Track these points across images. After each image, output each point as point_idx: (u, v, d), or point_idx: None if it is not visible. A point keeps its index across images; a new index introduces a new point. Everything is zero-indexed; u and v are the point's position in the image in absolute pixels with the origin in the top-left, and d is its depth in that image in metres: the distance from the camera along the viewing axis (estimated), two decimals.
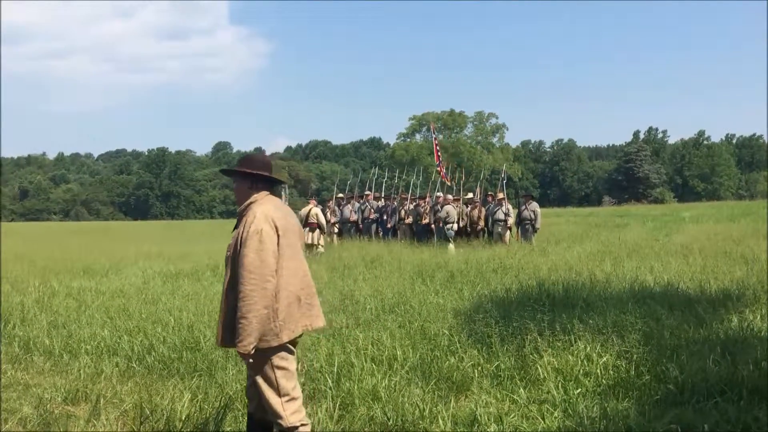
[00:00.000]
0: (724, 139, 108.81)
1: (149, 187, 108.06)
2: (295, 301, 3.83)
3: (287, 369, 3.83)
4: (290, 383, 3.85)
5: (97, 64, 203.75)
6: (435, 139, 25.92)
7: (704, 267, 10.92)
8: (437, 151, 24.76)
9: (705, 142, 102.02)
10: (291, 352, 3.88)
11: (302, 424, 3.82)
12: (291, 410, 3.81)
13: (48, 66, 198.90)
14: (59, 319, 8.25)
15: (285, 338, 3.75)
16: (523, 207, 18.20)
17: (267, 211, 3.83)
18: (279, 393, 3.80)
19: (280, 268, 3.77)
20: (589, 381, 5.23)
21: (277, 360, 3.79)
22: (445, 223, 17.97)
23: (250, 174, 3.98)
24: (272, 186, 4.09)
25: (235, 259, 3.76)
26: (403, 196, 21.57)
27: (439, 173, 22.46)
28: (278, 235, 3.79)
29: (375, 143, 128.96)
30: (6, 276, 12.94)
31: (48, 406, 5.18)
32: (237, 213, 3.98)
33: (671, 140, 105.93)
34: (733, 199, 78.05)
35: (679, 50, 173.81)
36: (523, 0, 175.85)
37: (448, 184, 22.04)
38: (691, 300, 7.88)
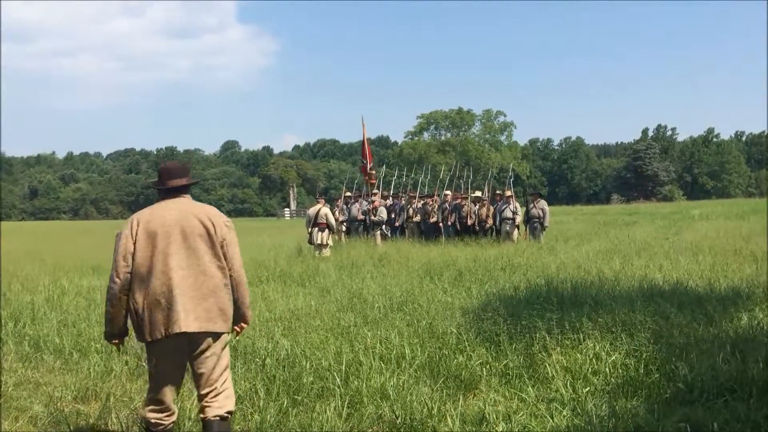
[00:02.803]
0: (733, 136, 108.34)
1: None
2: (155, 303, 3.93)
3: (150, 368, 4.09)
4: (151, 382, 4.10)
5: (105, 62, 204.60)
6: (365, 138, 24.72)
7: (714, 265, 10.88)
8: (367, 149, 23.89)
9: (714, 139, 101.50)
10: (156, 354, 4.03)
11: (153, 422, 4.08)
12: (148, 406, 4.11)
13: (57, 64, 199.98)
14: (69, 318, 8.28)
15: (147, 338, 3.96)
16: (532, 205, 18.15)
17: (136, 216, 4.09)
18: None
19: (144, 269, 3.93)
20: (597, 379, 5.23)
21: (147, 357, 4.12)
22: (379, 224, 18.65)
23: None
24: (168, 193, 4.19)
25: None
26: (411, 194, 21.53)
27: (365, 174, 22.27)
28: (137, 239, 3.96)
29: (383, 142, 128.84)
30: (16, 275, 13.01)
31: (58, 404, 5.21)
32: None
33: (680, 138, 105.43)
34: (742, 196, 77.63)
35: (688, 47, 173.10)
36: None
37: (373, 182, 22.00)
38: (701, 298, 7.85)
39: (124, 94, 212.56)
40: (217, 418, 4.05)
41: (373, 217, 18.81)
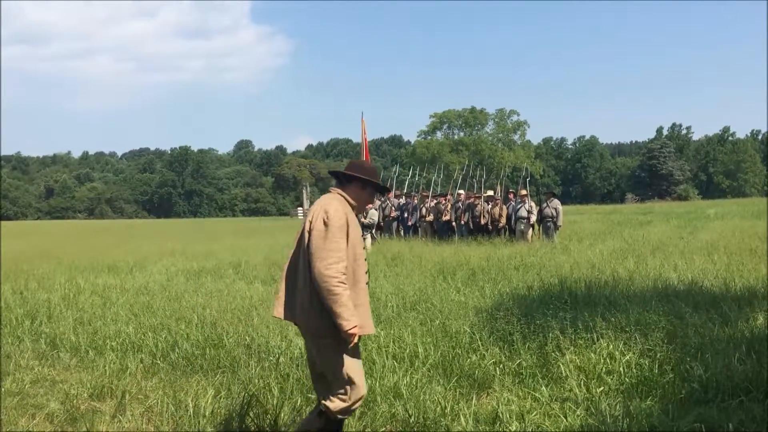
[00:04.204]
0: (749, 135, 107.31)
1: (172, 185, 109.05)
2: None
3: None
4: None
5: (119, 63, 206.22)
6: (365, 137, 24.05)
7: (729, 265, 10.79)
8: (364, 146, 23.46)
9: (730, 138, 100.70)
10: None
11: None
12: None
13: (71, 66, 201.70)
14: (85, 316, 8.35)
15: None
16: (545, 204, 18.11)
17: None
18: None
19: None
20: (611, 379, 5.21)
21: None
22: (369, 227, 18.04)
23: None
24: (337, 182, 4.18)
25: None
26: (424, 193, 21.56)
27: None
28: None
29: (396, 141, 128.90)
30: (33, 273, 13.16)
31: (74, 401, 5.25)
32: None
33: (695, 136, 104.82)
34: (758, 195, 76.96)
35: (704, 46, 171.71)
36: None
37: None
38: (716, 298, 7.79)
39: (138, 94, 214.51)
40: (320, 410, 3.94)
41: (363, 220, 17.55)
